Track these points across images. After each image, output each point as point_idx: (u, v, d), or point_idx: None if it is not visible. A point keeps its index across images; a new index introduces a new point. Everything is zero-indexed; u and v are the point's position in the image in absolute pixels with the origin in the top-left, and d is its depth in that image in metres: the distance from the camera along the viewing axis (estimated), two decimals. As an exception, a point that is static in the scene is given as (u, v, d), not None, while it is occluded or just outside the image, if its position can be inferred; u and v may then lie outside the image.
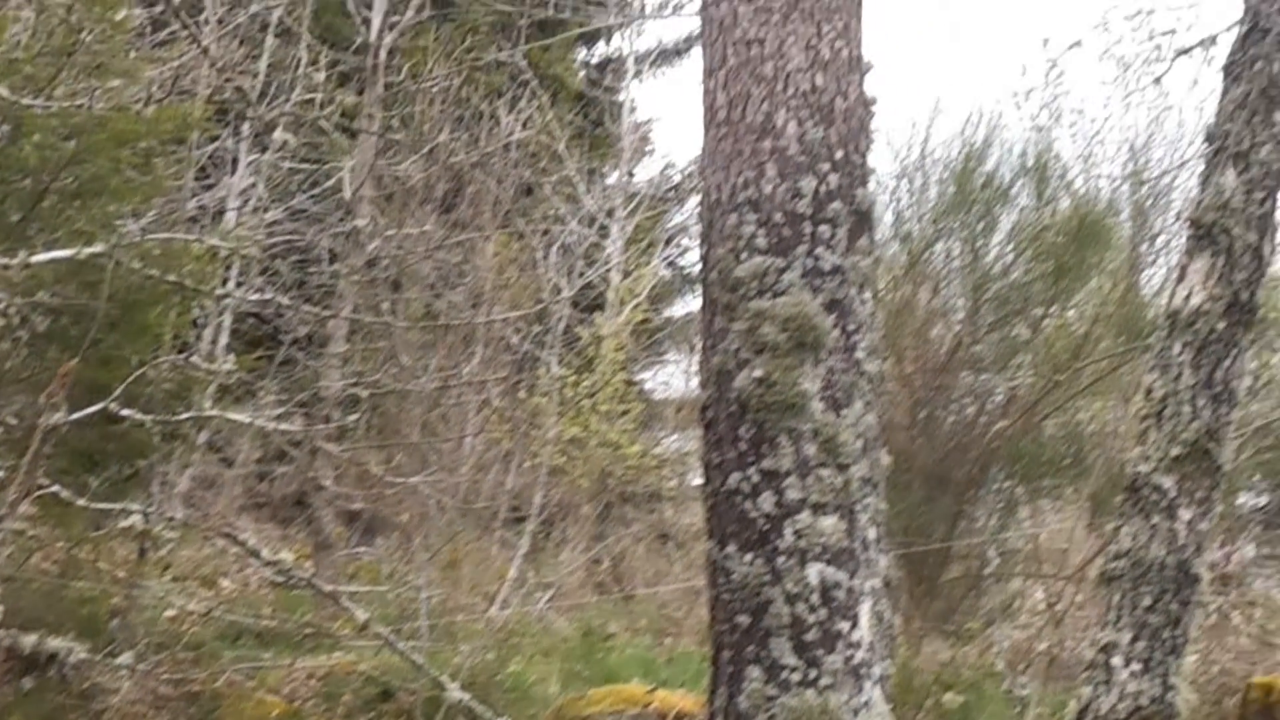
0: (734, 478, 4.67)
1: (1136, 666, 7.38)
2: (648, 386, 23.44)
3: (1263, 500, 22.26)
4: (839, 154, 4.90)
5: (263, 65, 16.30)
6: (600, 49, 27.78)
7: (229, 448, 17.09)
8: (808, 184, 4.82)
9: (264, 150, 16.50)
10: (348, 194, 15.00)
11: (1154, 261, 18.61)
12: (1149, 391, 7.78)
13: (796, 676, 4.55)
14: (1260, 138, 7.74)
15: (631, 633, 13.89)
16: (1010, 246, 17.60)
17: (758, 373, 4.67)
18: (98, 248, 8.65)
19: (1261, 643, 14.62)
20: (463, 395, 16.04)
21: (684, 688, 9.10)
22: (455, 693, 8.85)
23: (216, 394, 10.97)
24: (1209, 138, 7.91)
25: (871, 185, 5.08)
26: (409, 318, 16.08)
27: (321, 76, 15.97)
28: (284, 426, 12.70)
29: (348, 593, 10.22)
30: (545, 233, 19.47)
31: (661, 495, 20.28)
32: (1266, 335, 19.01)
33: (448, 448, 15.43)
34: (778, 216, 4.79)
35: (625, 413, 17.63)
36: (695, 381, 5.87)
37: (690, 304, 24.49)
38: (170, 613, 10.88)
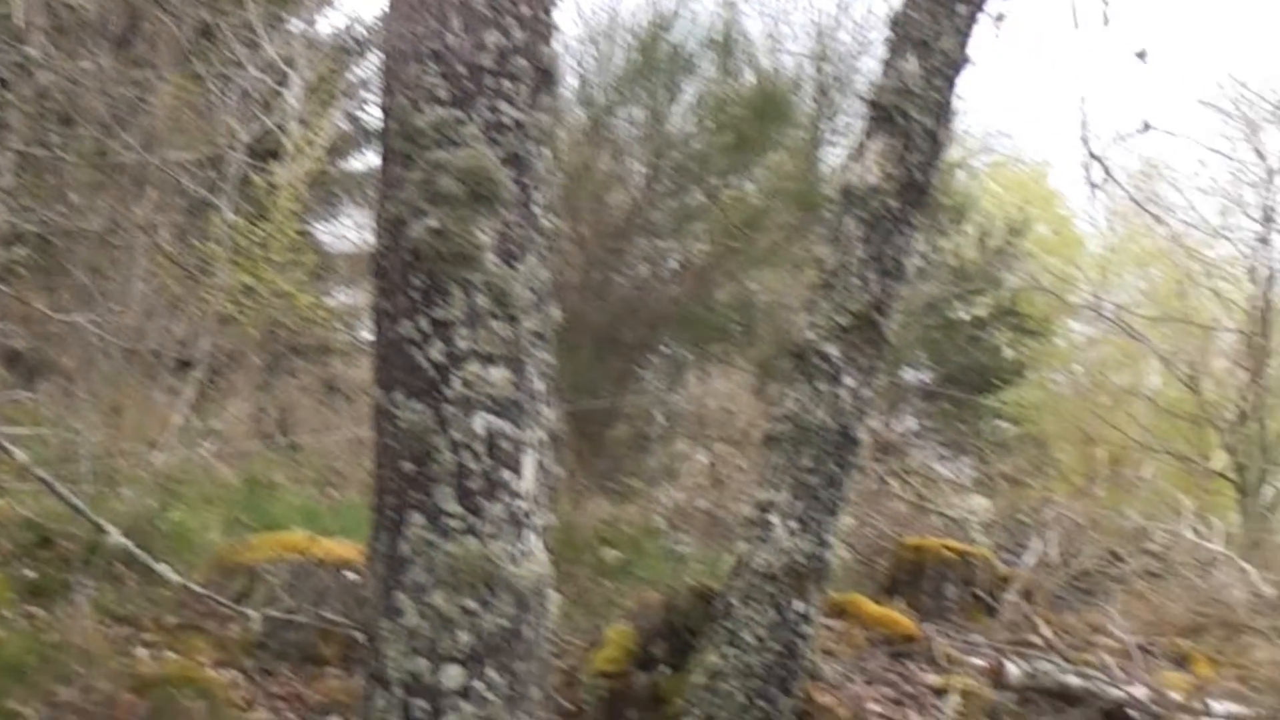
0: (404, 326, 4.68)
1: (794, 524, 7.60)
2: (322, 239, 23.20)
3: (925, 377, 23.02)
4: (524, 9, 4.89)
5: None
6: (288, -110, 27.13)
7: (-118, 283, 16.52)
8: (492, 38, 4.81)
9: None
10: (18, 20, 14.50)
11: (833, 140, 18.98)
12: (821, 263, 7.98)
13: (458, 524, 4.60)
14: (943, 27, 7.94)
15: (296, 483, 13.82)
16: (692, 117, 17.79)
17: (433, 223, 4.67)
18: None
19: (917, 509, 15.14)
20: (133, 237, 15.69)
21: (347, 537, 9.10)
22: (116, 538, 8.71)
23: None
24: (893, 24, 8.09)
25: (556, 44, 5.09)
26: (80, 154, 15.64)
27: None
28: (-56, 261, 12.33)
29: (7, 435, 10.00)
30: (224, 77, 19.06)
31: (331, 348, 20.18)
32: (938, 220, 19.60)
33: (115, 290, 15.11)
34: (460, 68, 4.77)
35: (298, 263, 17.44)
36: (369, 235, 5.85)
37: (368, 158, 24.28)
38: None
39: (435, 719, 4.61)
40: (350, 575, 8.34)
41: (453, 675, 4.60)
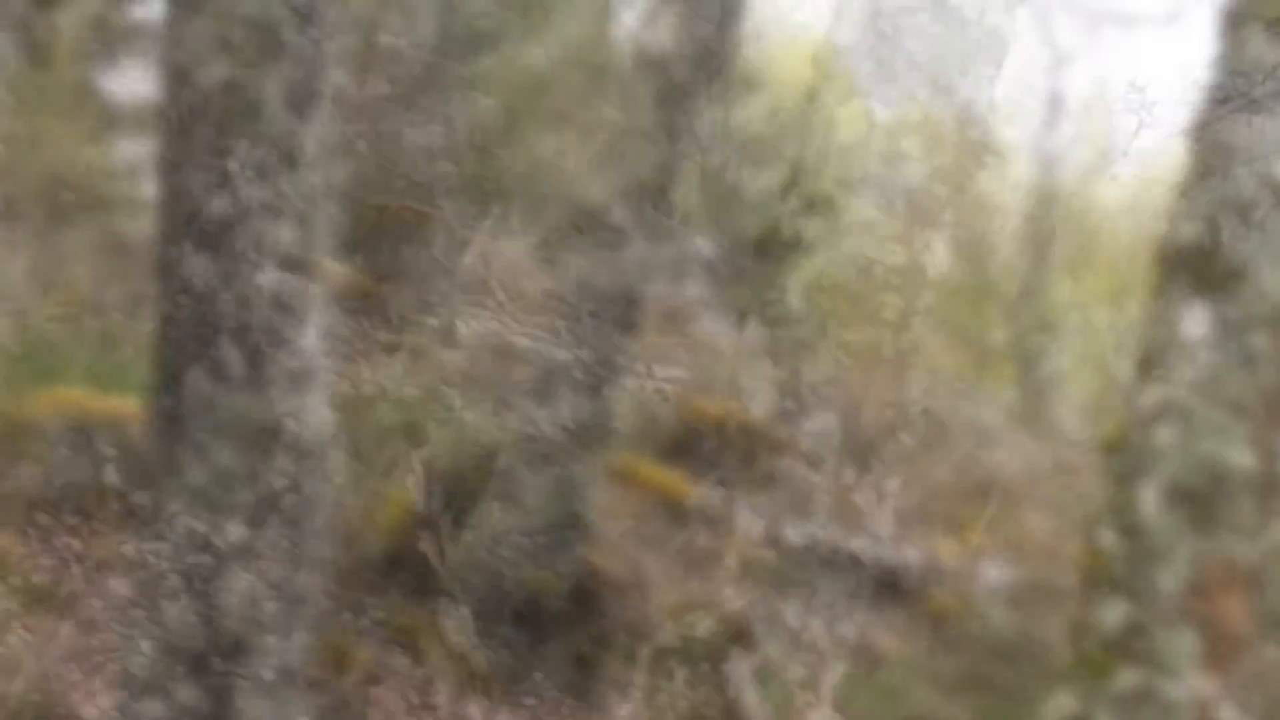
0: (190, 178, 4.60)
1: (577, 387, 7.65)
2: (106, 88, 22.71)
3: (712, 246, 23.16)
4: None
5: None
6: None
7: None
8: (284, -115, 4.73)
9: None
10: None
11: (627, 4, 18.91)
12: (611, 128, 7.99)
13: (241, 380, 4.56)
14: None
15: (75, 339, 13.59)
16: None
17: (220, 73, 4.59)
18: None
19: (701, 375, 15.26)
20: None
21: (127, 394, 8.97)
22: (-114, 393, 8.55)
23: None
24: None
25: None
26: None
27: None
28: None
29: None
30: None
31: (113, 201, 19.80)
32: (730, 90, 19.67)
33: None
34: (249, -87, 4.68)
35: (80, 114, 17.05)
36: (155, 86, 5.74)
37: (154, 6, 23.75)
38: None
39: (216, 577, 4.58)
40: (130, 433, 8.24)
41: (234, 532, 4.57)
